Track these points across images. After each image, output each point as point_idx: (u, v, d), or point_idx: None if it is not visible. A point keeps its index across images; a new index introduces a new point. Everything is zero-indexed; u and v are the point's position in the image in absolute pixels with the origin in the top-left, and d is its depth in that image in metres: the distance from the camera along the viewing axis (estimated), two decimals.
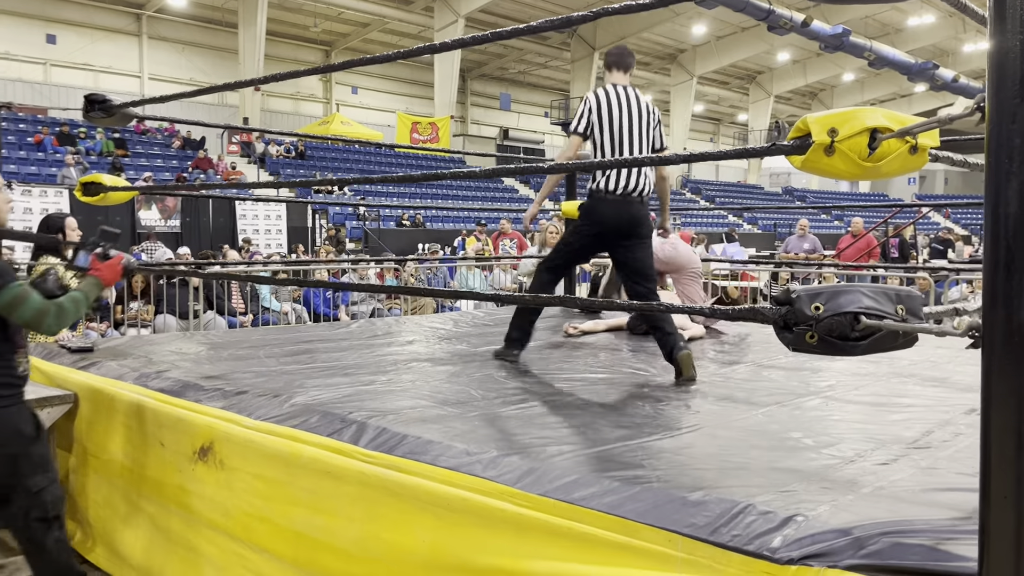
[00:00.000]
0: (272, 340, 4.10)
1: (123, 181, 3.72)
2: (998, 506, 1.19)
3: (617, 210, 3.49)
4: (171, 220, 15.82)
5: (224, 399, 2.70)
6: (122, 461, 2.95)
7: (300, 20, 27.83)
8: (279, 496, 2.33)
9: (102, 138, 19.55)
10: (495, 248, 13.03)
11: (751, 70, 38.43)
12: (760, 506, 1.60)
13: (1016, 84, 1.16)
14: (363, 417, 2.34)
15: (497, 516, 1.83)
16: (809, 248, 11.89)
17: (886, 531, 1.45)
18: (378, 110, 31.69)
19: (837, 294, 1.58)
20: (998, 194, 1.17)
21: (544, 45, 32.78)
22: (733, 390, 2.98)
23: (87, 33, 24.77)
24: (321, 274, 8.30)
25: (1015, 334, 1.16)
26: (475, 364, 3.49)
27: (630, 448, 2.08)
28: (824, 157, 1.60)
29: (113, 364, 3.26)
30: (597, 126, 3.50)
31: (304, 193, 20.23)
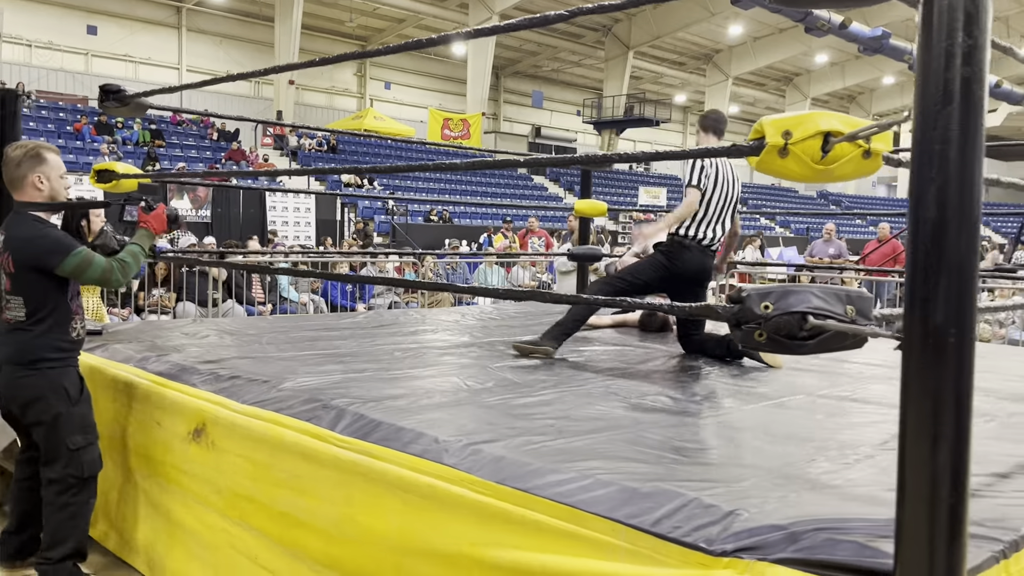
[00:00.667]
0: (277, 328, 4.19)
1: (135, 169, 3.82)
2: (912, 504, 1.22)
3: (699, 259, 3.88)
4: (202, 210, 16.09)
5: (217, 383, 2.79)
6: (122, 440, 3.05)
7: (336, 15, 28.08)
8: (265, 477, 2.41)
9: (139, 128, 19.93)
10: (523, 246, 13.10)
11: (788, 72, 38.02)
12: (706, 500, 1.64)
13: (939, 91, 1.18)
14: (344, 404, 2.40)
15: (458, 503, 1.88)
16: (834, 253, 11.78)
17: (821, 527, 1.48)
18: (411, 106, 31.89)
19: (786, 294, 1.61)
20: (919, 199, 1.20)
21: (578, 43, 32.72)
22: (715, 388, 3.01)
23: (127, 24, 25.25)
24: (341, 267, 8.42)
25: (930, 336, 1.19)
26: (472, 356, 3.54)
27: (597, 441, 2.12)
28: (778, 159, 1.62)
29: (118, 347, 3.37)
30: (711, 184, 3.86)
31: (334, 187, 20.46)
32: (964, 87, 1.17)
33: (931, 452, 1.20)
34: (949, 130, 1.17)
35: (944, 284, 1.18)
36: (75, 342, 2.83)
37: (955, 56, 1.17)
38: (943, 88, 1.18)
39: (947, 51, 1.18)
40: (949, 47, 1.17)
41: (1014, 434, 2.35)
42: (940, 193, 1.18)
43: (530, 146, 33.62)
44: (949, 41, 1.17)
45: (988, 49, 1.18)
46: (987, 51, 1.18)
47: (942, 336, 1.18)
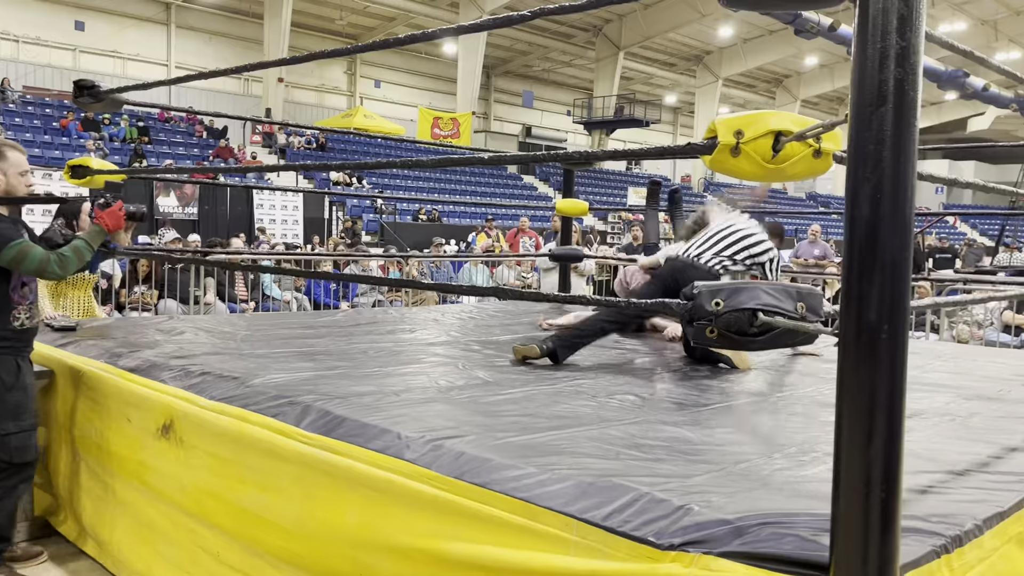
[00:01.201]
0: (255, 326, 4.19)
1: (111, 165, 3.82)
2: (846, 497, 1.24)
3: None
4: (189, 207, 16.04)
5: (187, 379, 2.79)
6: (92, 437, 3.05)
7: (326, 13, 28.03)
8: (229, 474, 2.42)
9: (126, 125, 19.86)
10: (515, 246, 13.09)
11: (778, 74, 38.16)
12: (658, 495, 1.66)
13: (873, 92, 1.20)
14: (311, 400, 2.41)
15: (417, 498, 1.90)
16: (819, 254, 11.82)
17: (767, 521, 1.50)
18: (401, 104, 31.85)
19: (737, 291, 1.64)
20: (854, 198, 1.22)
21: (568, 43, 32.75)
22: (684, 388, 3.02)
23: (116, 21, 25.13)
24: (325, 265, 8.41)
25: (863, 332, 1.21)
26: (447, 354, 3.55)
27: (558, 438, 2.14)
28: (730, 158, 1.64)
29: (90, 343, 3.37)
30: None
31: (322, 185, 20.43)
32: (897, 88, 1.19)
33: (864, 446, 1.22)
34: (883, 131, 1.19)
35: (877, 282, 1.20)
36: (18, 332, 2.88)
37: (889, 58, 1.19)
38: (877, 89, 1.20)
39: (881, 53, 1.20)
40: (883, 49, 1.19)
41: (971, 433, 2.38)
42: (874, 192, 1.20)
43: (520, 146, 33.66)
44: (883, 43, 1.19)
45: (922, 51, 1.20)
46: (921, 53, 1.20)
47: (875, 333, 1.20)
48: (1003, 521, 1.67)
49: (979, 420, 2.57)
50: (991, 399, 2.96)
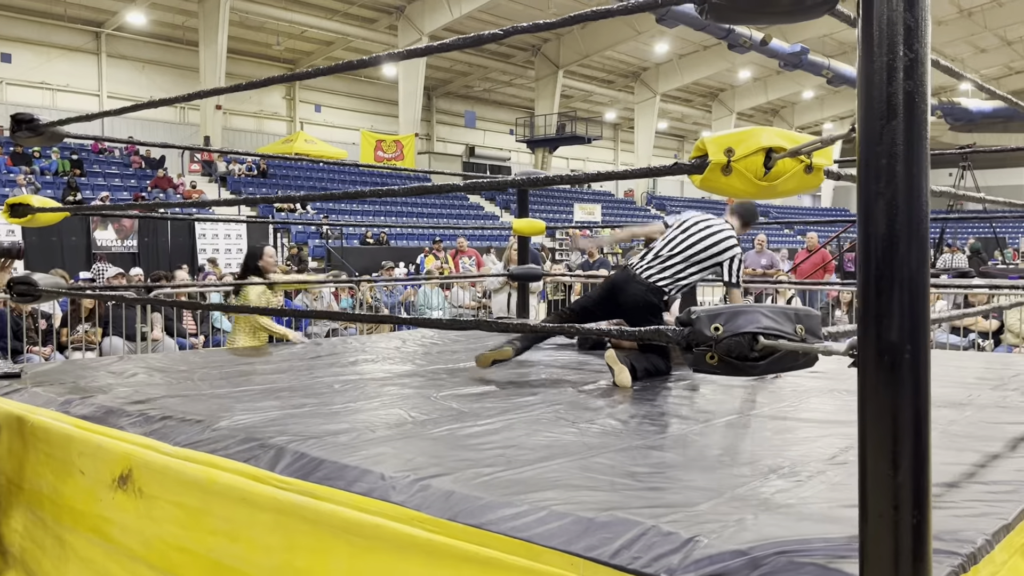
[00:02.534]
0: (210, 362, 4.03)
1: (52, 202, 3.64)
2: (875, 524, 1.20)
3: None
4: (128, 240, 15.60)
5: (146, 425, 2.64)
6: (44, 491, 2.87)
7: (262, 38, 27.74)
8: (197, 525, 2.28)
9: (57, 158, 19.27)
10: (455, 266, 13.03)
11: (713, 88, 39.02)
12: (664, 527, 1.59)
13: (882, 105, 1.17)
14: (283, 442, 2.30)
15: (408, 542, 1.80)
16: (767, 264, 12.01)
17: (782, 550, 1.45)
18: (342, 128, 31.64)
19: (736, 315, 1.59)
20: (868, 214, 1.18)
21: (508, 63, 33.01)
22: (661, 409, 2.99)
23: (43, 52, 24.47)
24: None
25: (885, 353, 1.17)
26: (414, 385, 3.46)
27: (548, 470, 2.06)
28: (722, 176, 1.61)
29: (38, 390, 3.18)
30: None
31: (265, 212, 20.10)
32: (907, 101, 1.16)
33: (892, 470, 1.18)
34: (895, 144, 1.16)
35: (897, 300, 1.16)
36: None
37: (897, 70, 1.16)
38: (887, 103, 1.17)
39: (889, 66, 1.17)
40: (891, 61, 1.16)
41: (954, 443, 2.38)
42: (889, 208, 1.16)
43: (464, 166, 33.69)
44: (891, 56, 1.16)
45: (929, 62, 1.18)
46: (928, 65, 1.17)
47: (898, 353, 1.16)
48: (1009, 534, 1.65)
49: (958, 428, 2.58)
50: (963, 405, 2.98)
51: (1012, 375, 3.67)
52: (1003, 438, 2.42)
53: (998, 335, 7.38)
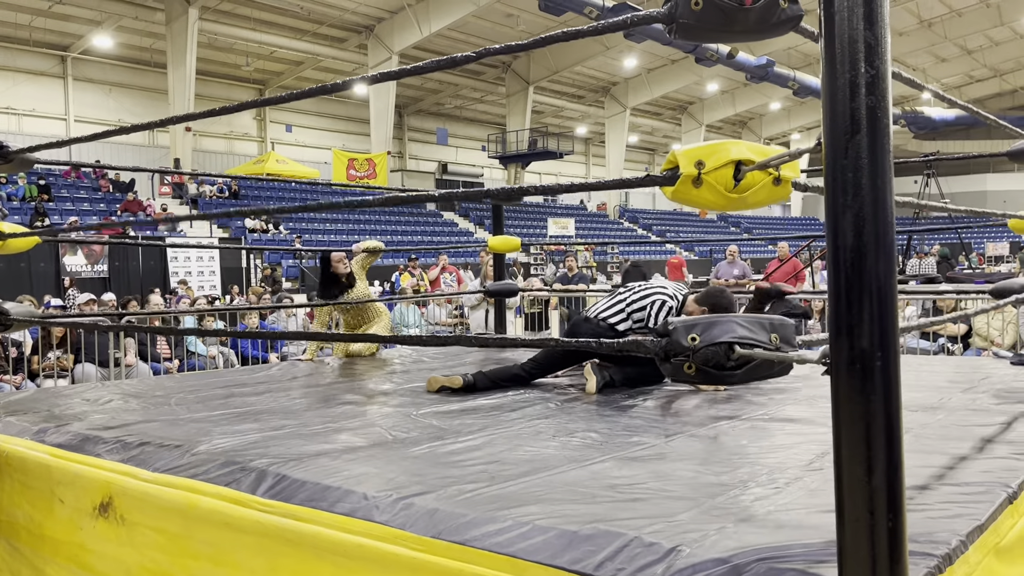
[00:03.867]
0: (186, 387, 4.00)
1: (22, 228, 3.61)
2: (852, 528, 1.23)
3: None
4: (98, 265, 15.41)
5: (125, 451, 2.62)
6: (21, 522, 2.83)
7: (231, 59, 27.64)
8: (179, 550, 2.27)
9: (24, 183, 19.03)
10: (436, 282, 13.02)
11: (682, 101, 39.44)
12: (647, 538, 1.61)
13: (846, 120, 1.21)
14: (264, 464, 2.29)
15: (392, 561, 1.80)
16: (739, 274, 12.15)
17: (762, 557, 1.48)
18: (314, 147, 31.55)
19: (712, 325, 1.62)
20: (836, 227, 1.22)
21: (479, 80, 33.15)
22: (638, 420, 3.01)
23: (9, 76, 24.20)
24: (251, 317, 8.15)
25: (857, 360, 1.20)
26: (393, 403, 3.46)
27: (530, 484, 2.08)
28: (692, 188, 1.64)
29: (12, 419, 3.14)
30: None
31: (238, 233, 19.96)
32: (870, 116, 1.20)
33: (866, 475, 1.21)
34: (860, 158, 1.20)
35: (867, 309, 1.20)
36: None
37: (859, 86, 1.20)
38: (850, 117, 1.21)
39: (851, 82, 1.21)
40: (853, 78, 1.21)
41: (925, 445, 2.42)
42: (856, 220, 1.20)
43: (437, 183, 33.72)
44: (853, 72, 1.20)
45: (889, 78, 1.22)
46: (889, 80, 1.22)
47: (869, 361, 1.20)
48: (983, 534, 1.69)
49: (931, 431, 2.63)
50: (935, 408, 3.04)
51: (981, 378, 3.74)
52: (974, 440, 2.47)
53: (967, 339, 7.51)
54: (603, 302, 4.08)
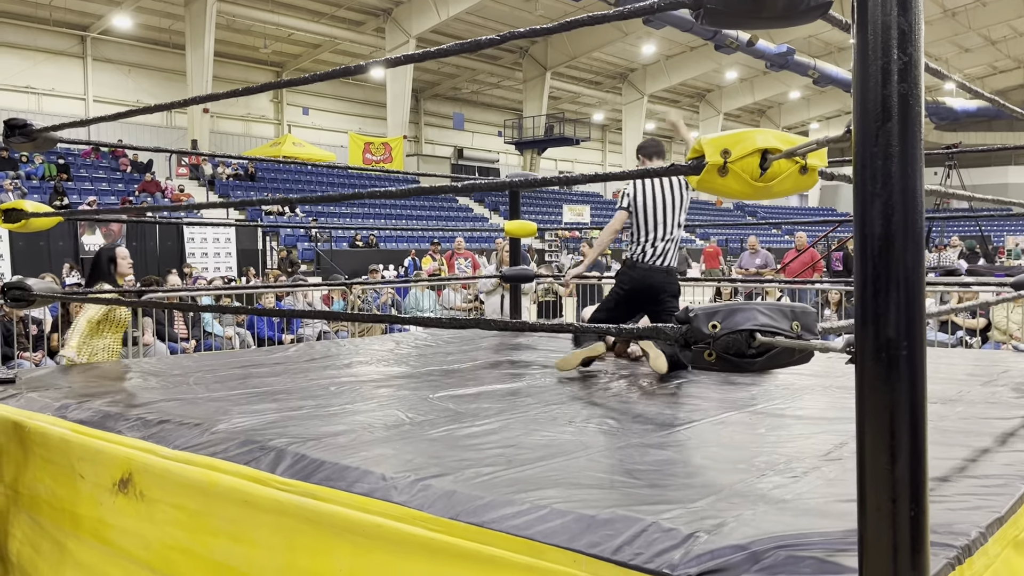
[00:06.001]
0: (205, 366, 4.03)
1: (45, 207, 3.64)
2: (874, 517, 1.22)
3: (644, 277, 4.12)
4: (116, 245, 15.51)
5: (145, 428, 2.65)
6: (42, 496, 2.87)
7: (249, 41, 27.66)
8: (199, 527, 2.29)
9: (43, 162, 19.16)
10: (450, 267, 13.03)
11: (700, 88, 39.16)
12: (664, 524, 1.62)
13: (877, 107, 1.20)
14: (283, 444, 2.31)
15: (410, 541, 1.82)
16: (761, 263, 12.11)
17: (781, 544, 1.48)
18: (330, 131, 31.57)
19: (733, 312, 1.61)
20: (864, 214, 1.21)
21: (496, 65, 33.03)
22: (655, 407, 3.01)
23: (29, 56, 24.32)
24: (268, 298, 8.20)
25: (883, 350, 1.20)
26: (410, 387, 3.47)
27: (547, 468, 2.09)
28: (718, 177, 1.63)
29: (34, 395, 3.18)
30: (639, 203, 4.13)
31: (254, 215, 20.04)
32: (902, 103, 1.19)
33: (890, 465, 1.21)
34: (890, 146, 1.19)
35: (894, 298, 1.19)
36: None
37: (892, 73, 1.19)
38: (881, 105, 1.20)
39: (883, 69, 1.20)
40: (885, 65, 1.19)
41: (946, 438, 2.41)
42: (885, 208, 1.19)
43: (453, 168, 33.67)
44: (885, 59, 1.19)
45: (922, 65, 1.20)
46: (922, 67, 1.20)
47: (895, 350, 1.19)
48: (1002, 526, 1.69)
49: (950, 423, 2.62)
50: (953, 401, 3.02)
51: (1001, 371, 3.72)
52: (993, 433, 2.46)
53: (985, 333, 7.46)
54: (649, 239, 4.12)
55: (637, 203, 4.14)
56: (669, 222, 4.10)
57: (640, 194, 4.14)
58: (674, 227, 4.12)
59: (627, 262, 4.20)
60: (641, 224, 4.13)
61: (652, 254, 4.08)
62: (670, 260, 4.12)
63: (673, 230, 4.12)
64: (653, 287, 4.08)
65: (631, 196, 4.17)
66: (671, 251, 4.13)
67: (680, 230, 4.15)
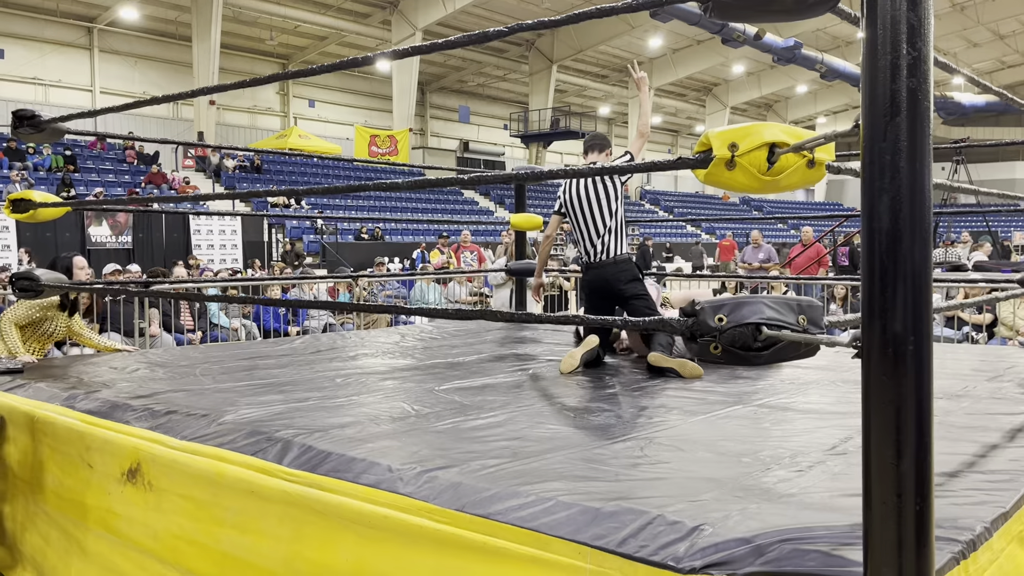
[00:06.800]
0: (211, 357, 4.05)
1: (54, 197, 3.65)
2: (879, 511, 1.23)
3: (592, 275, 4.17)
4: (123, 236, 15.56)
5: (153, 419, 2.66)
6: (50, 485, 2.89)
7: (255, 33, 27.64)
8: (206, 517, 2.31)
9: (50, 154, 19.20)
10: (457, 260, 13.03)
11: (707, 82, 39.01)
12: (670, 516, 1.62)
13: (886, 102, 1.20)
14: (290, 435, 2.32)
15: (416, 533, 1.83)
16: (764, 258, 12.08)
17: (786, 538, 1.48)
18: (336, 123, 31.56)
19: (740, 305, 1.62)
20: (872, 209, 1.21)
21: (502, 58, 32.95)
22: (659, 401, 3.02)
23: (36, 47, 24.35)
24: (273, 290, 8.22)
25: (889, 344, 1.20)
26: (416, 379, 3.48)
27: (553, 461, 2.09)
28: (725, 171, 1.63)
29: (42, 385, 3.20)
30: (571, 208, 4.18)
31: (260, 207, 20.06)
32: (911, 98, 1.19)
33: (896, 459, 1.21)
34: (898, 141, 1.19)
35: (901, 293, 1.19)
36: None
37: (900, 68, 1.19)
38: (890, 100, 1.20)
39: (892, 64, 1.19)
40: (894, 60, 1.19)
41: (952, 433, 2.41)
42: (893, 203, 1.19)
43: (458, 161, 33.64)
44: (894, 54, 1.19)
45: (932, 60, 1.20)
46: (931, 62, 1.20)
47: (901, 345, 1.19)
48: (1007, 522, 1.69)
49: (955, 419, 2.62)
50: (959, 396, 3.02)
51: (1007, 367, 3.71)
52: (999, 429, 2.46)
53: (991, 328, 7.44)
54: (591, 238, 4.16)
55: (568, 206, 4.17)
56: (600, 216, 4.09)
57: (568, 196, 4.17)
58: (607, 219, 4.09)
59: (581, 265, 4.25)
60: (578, 226, 4.15)
61: (595, 252, 4.10)
62: (615, 250, 4.09)
63: (607, 222, 4.09)
64: (607, 280, 4.09)
65: (561, 199, 4.22)
66: (612, 242, 4.09)
67: (615, 219, 4.11)
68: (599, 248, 4.10)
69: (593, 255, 4.12)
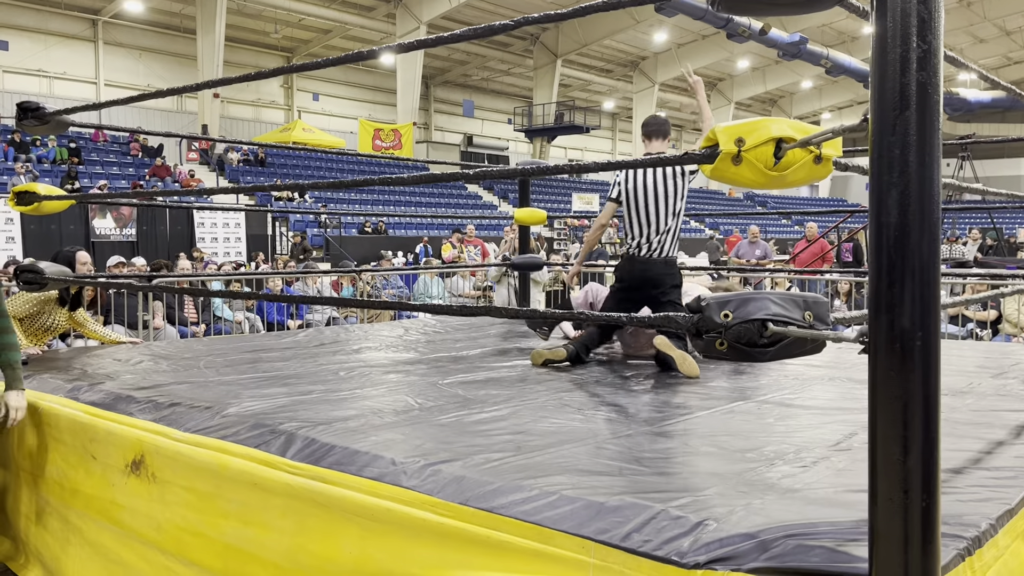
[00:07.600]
0: (215, 350, 4.05)
1: (58, 190, 3.65)
2: (885, 507, 1.22)
3: (639, 269, 4.00)
4: (127, 229, 15.57)
5: (156, 411, 2.67)
6: (54, 476, 2.90)
7: (260, 26, 27.60)
8: (209, 509, 2.31)
9: (55, 146, 19.21)
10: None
11: (712, 77, 38.87)
12: (673, 511, 1.62)
13: (895, 96, 1.19)
14: (293, 428, 2.32)
15: (419, 526, 1.83)
16: (760, 254, 12.03)
17: (790, 534, 1.48)
18: (340, 117, 31.52)
19: (746, 302, 1.61)
20: (880, 204, 1.20)
21: (507, 52, 32.88)
22: (664, 396, 3.01)
23: (41, 39, 24.34)
24: (275, 283, 8.23)
25: (897, 340, 1.19)
26: (419, 373, 3.48)
27: (556, 455, 2.09)
28: (732, 166, 1.63)
29: (46, 377, 3.20)
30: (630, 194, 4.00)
31: (264, 201, 20.06)
32: (920, 92, 1.18)
33: (902, 455, 1.21)
34: (908, 135, 1.18)
35: (909, 288, 1.18)
36: None
37: (910, 61, 1.18)
38: (900, 93, 1.19)
39: (902, 57, 1.19)
40: (904, 53, 1.18)
41: (957, 430, 2.41)
42: (902, 198, 1.18)
43: (462, 155, 33.59)
44: (904, 47, 1.18)
45: (941, 54, 1.19)
46: (941, 56, 1.19)
47: (909, 340, 1.19)
48: (1012, 519, 1.68)
49: (960, 415, 2.61)
50: (964, 393, 3.01)
51: (1011, 364, 3.70)
52: (1004, 425, 2.45)
53: (996, 325, 7.42)
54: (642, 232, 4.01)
55: (628, 195, 3.97)
56: (663, 214, 3.92)
57: (631, 184, 3.97)
58: (668, 218, 3.94)
59: (625, 256, 4.07)
60: (634, 217, 3.96)
61: (649, 248, 3.94)
62: (668, 251, 3.97)
63: (668, 221, 3.93)
64: (653, 279, 3.93)
65: (621, 186, 4.01)
66: (668, 242, 3.96)
67: (677, 219, 3.97)
68: (654, 244, 3.94)
69: (646, 250, 3.94)
